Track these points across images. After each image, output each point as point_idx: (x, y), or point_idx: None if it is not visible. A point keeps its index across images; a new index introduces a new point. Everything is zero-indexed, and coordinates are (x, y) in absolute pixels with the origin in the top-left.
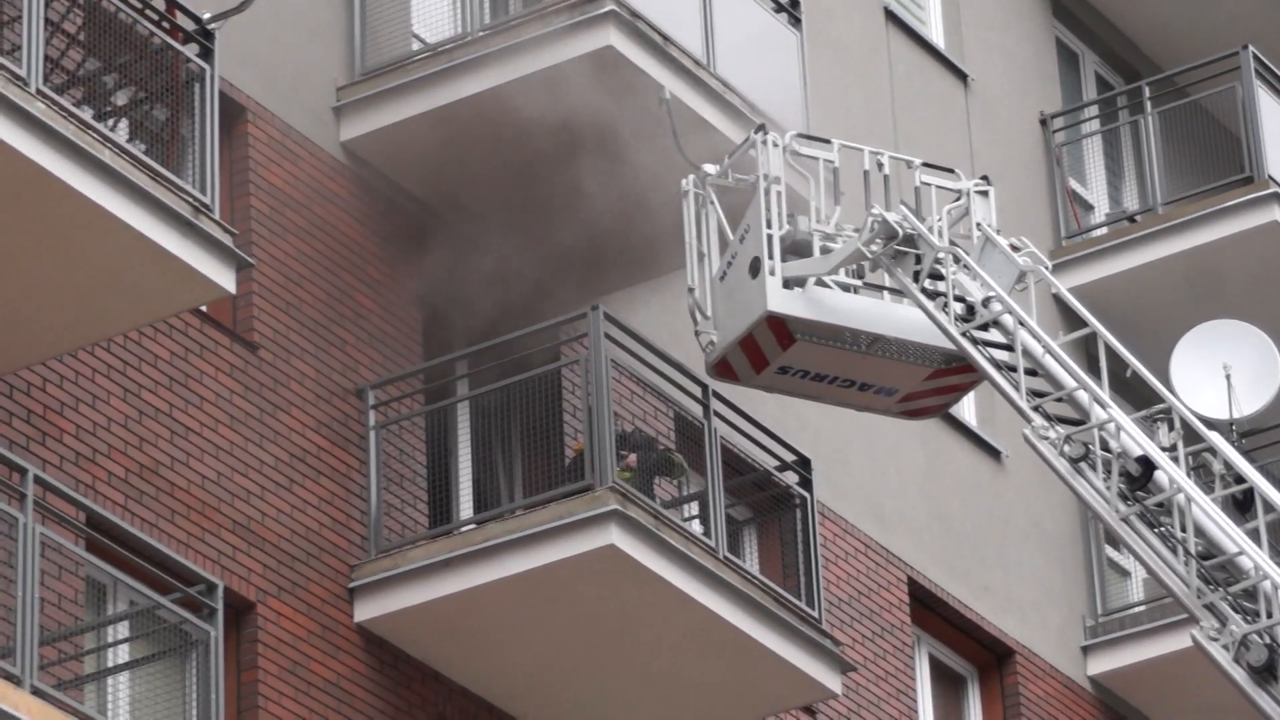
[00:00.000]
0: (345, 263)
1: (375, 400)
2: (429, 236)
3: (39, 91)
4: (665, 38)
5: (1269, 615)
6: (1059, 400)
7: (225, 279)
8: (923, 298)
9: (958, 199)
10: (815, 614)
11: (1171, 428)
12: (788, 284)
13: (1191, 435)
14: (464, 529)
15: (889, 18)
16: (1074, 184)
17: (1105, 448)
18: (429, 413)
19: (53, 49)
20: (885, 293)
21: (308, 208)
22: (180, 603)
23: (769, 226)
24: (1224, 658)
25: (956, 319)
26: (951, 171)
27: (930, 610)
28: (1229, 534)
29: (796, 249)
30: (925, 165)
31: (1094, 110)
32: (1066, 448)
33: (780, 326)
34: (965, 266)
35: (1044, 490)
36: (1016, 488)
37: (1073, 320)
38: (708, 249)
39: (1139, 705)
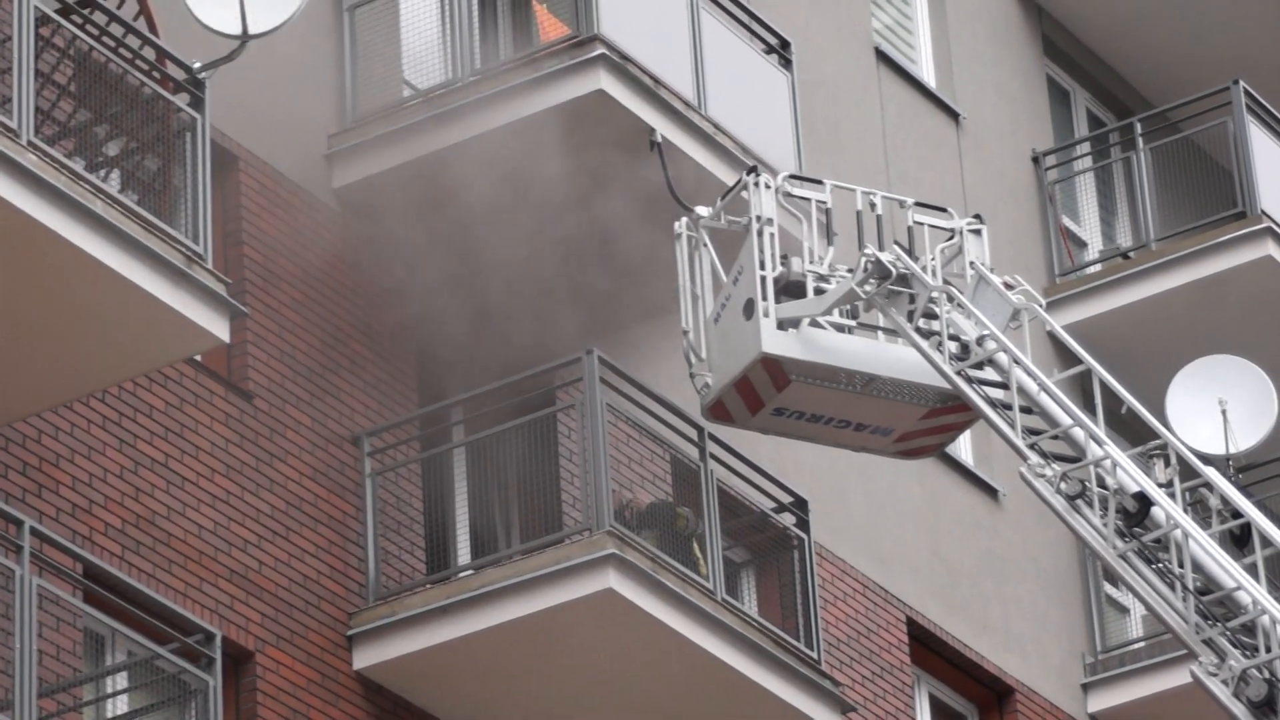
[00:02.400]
0: (339, 310)
1: (371, 447)
2: (423, 282)
3: (30, 143)
4: (656, 80)
5: (1268, 650)
6: (1055, 438)
7: (219, 328)
8: (917, 337)
9: (951, 238)
10: (814, 655)
11: (1168, 463)
12: (782, 325)
13: (1188, 471)
14: (462, 575)
15: (879, 57)
16: (1067, 221)
17: (1102, 484)
18: (425, 459)
19: (43, 100)
20: (880, 333)
21: (301, 255)
22: (179, 653)
23: (762, 268)
24: (1224, 693)
25: (951, 358)
26: (944, 210)
27: (930, 649)
28: (1227, 569)
29: (790, 290)
30: (918, 204)
31: (1086, 147)
32: (1063, 485)
33: (775, 368)
34: (959, 305)
35: (1042, 528)
36: (1014, 526)
37: (1067, 357)
38: (701, 291)
39: None
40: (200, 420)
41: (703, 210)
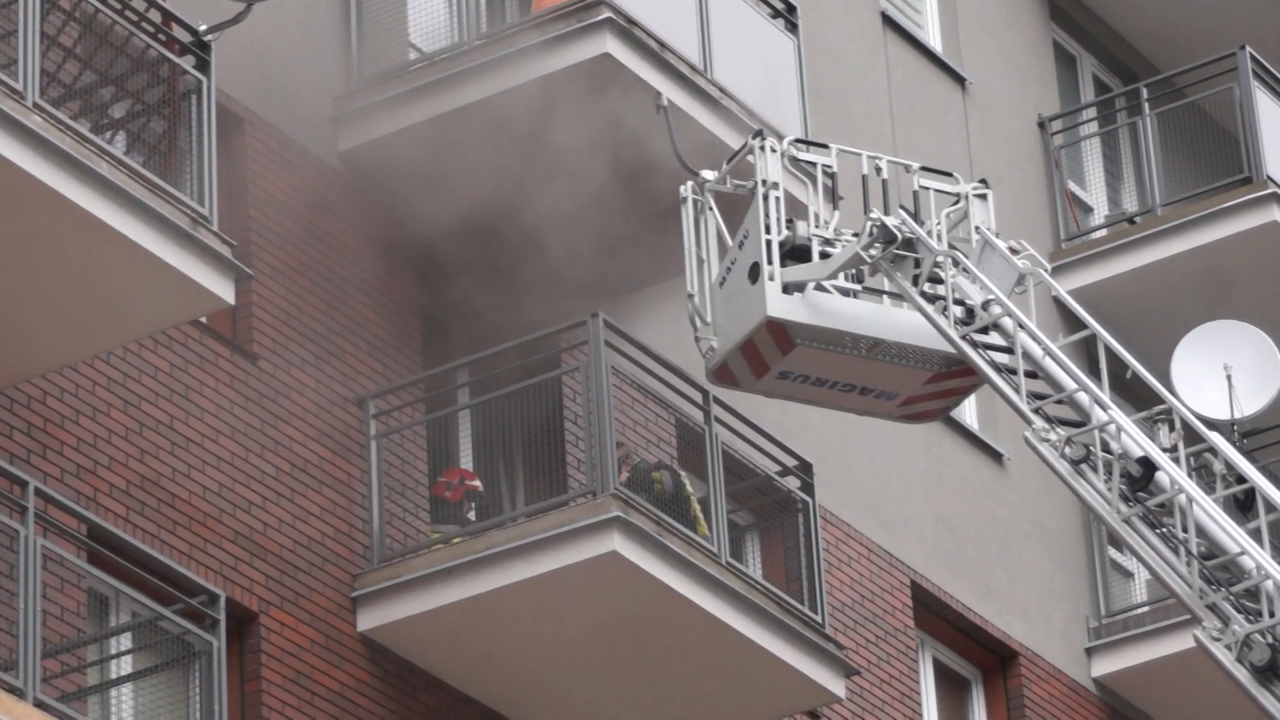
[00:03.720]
0: (344, 272)
1: (376, 409)
2: (428, 245)
3: (36, 105)
4: (662, 44)
5: (1271, 615)
6: (1059, 402)
7: (224, 290)
8: (922, 301)
9: (956, 202)
10: (819, 618)
11: (1172, 428)
12: (787, 289)
13: (1192, 436)
14: (466, 537)
15: (886, 22)
16: (1073, 186)
17: (1106, 449)
18: (430, 421)
19: (49, 62)
20: (885, 297)
21: (306, 218)
22: (183, 614)
23: (768, 232)
24: (1227, 658)
25: (956, 322)
26: (950, 175)
27: (934, 613)
28: (1231, 534)
29: (795, 254)
30: (923, 169)
31: (1092, 112)
32: (1067, 450)
33: (780, 331)
34: (964, 270)
35: (1046, 492)
36: (1019, 490)
37: (1072, 322)
38: (707, 255)
39: (1143, 706)
40: (205, 382)
41: (708, 174)
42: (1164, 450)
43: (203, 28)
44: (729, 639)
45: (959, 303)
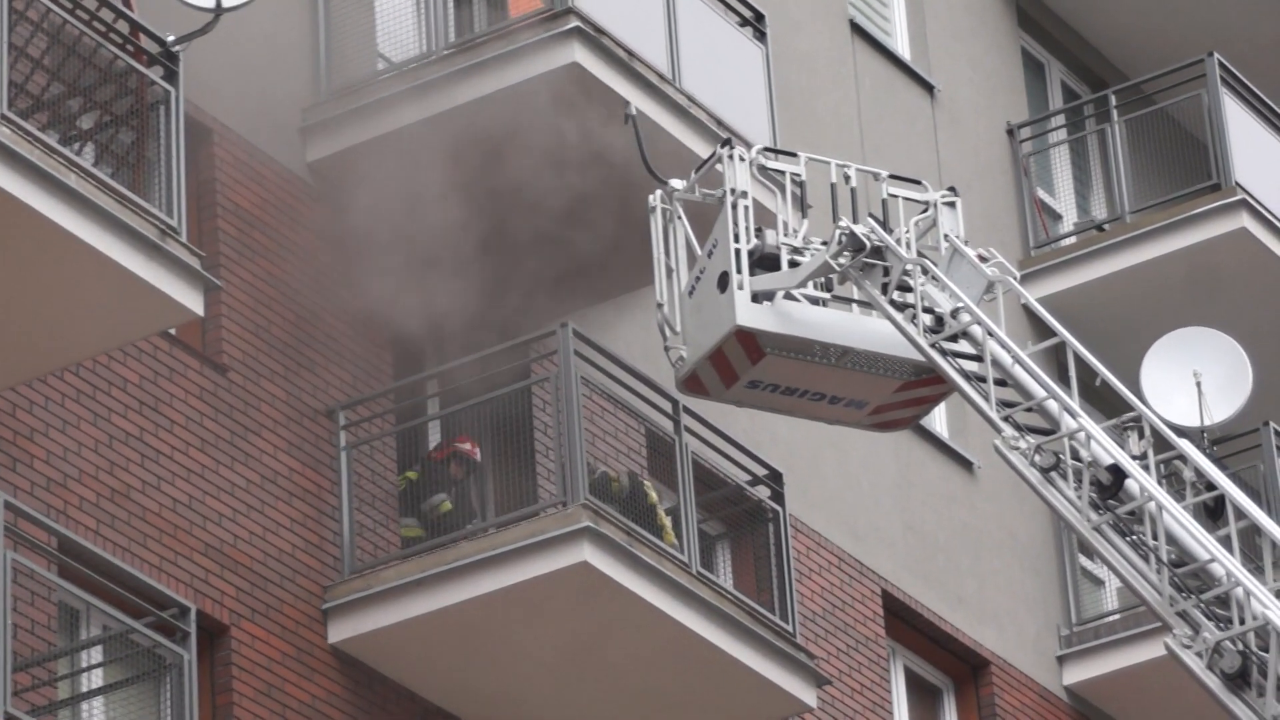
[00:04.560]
0: (314, 283)
1: (346, 421)
2: (397, 256)
3: (3, 117)
4: (630, 53)
5: (1241, 622)
6: (1029, 410)
7: (193, 301)
8: (891, 310)
9: (925, 210)
10: (789, 628)
11: (1142, 436)
12: (756, 298)
13: (1162, 443)
14: (436, 548)
15: (854, 30)
16: (1042, 193)
17: (1076, 457)
18: (400, 432)
19: (17, 74)
20: (854, 305)
21: (275, 229)
22: (153, 627)
23: (736, 241)
24: (1198, 665)
25: (925, 330)
26: (918, 183)
27: (905, 622)
28: (1201, 541)
29: (764, 263)
30: (892, 177)
31: (1061, 119)
32: (1037, 458)
33: (750, 340)
34: (933, 278)
35: (1017, 501)
36: (989, 498)
37: (1042, 330)
38: (676, 264)
39: (1115, 714)
40: (175, 394)
41: (677, 183)
42: (1134, 458)
43: (171, 38)
44: (700, 649)
45: (928, 311)
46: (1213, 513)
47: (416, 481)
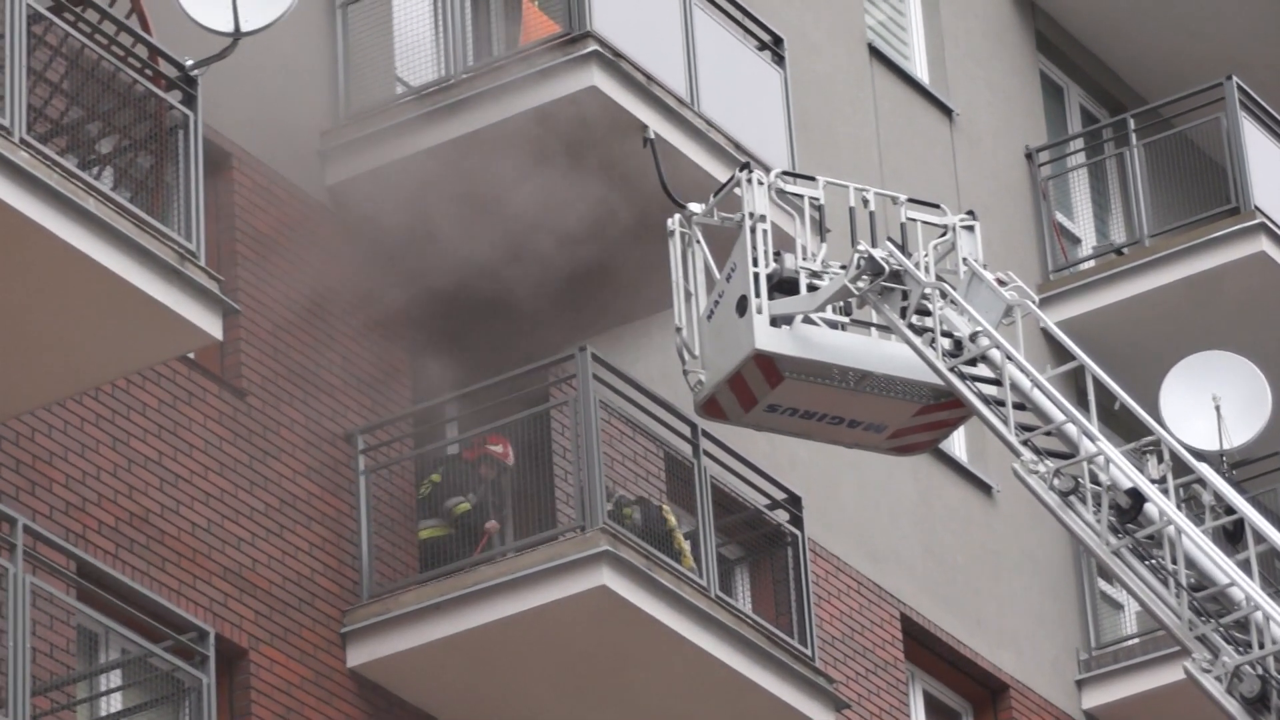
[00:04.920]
0: (332, 307)
1: (365, 445)
2: (416, 279)
3: (23, 141)
4: (649, 77)
5: (1260, 646)
6: (1048, 434)
7: (212, 325)
8: (910, 334)
9: (944, 234)
10: (808, 652)
11: (1161, 460)
12: (775, 322)
13: (1181, 467)
14: (455, 572)
15: (873, 53)
16: (1060, 217)
17: (1095, 481)
18: (418, 456)
19: (36, 98)
20: (873, 329)
21: (294, 253)
22: (172, 650)
23: (755, 265)
24: (1217, 689)
25: (944, 354)
26: (937, 207)
27: (923, 646)
28: (1220, 565)
29: (783, 287)
30: (911, 201)
31: (1079, 143)
32: (1056, 481)
33: (768, 365)
34: (952, 302)
35: (1035, 524)
36: (1008, 522)
37: (1060, 354)
38: (695, 288)
39: None
40: (193, 418)
41: (696, 207)
42: (1153, 481)
43: (189, 63)
44: (719, 673)
45: (947, 334)
46: (1232, 536)
47: (440, 485)
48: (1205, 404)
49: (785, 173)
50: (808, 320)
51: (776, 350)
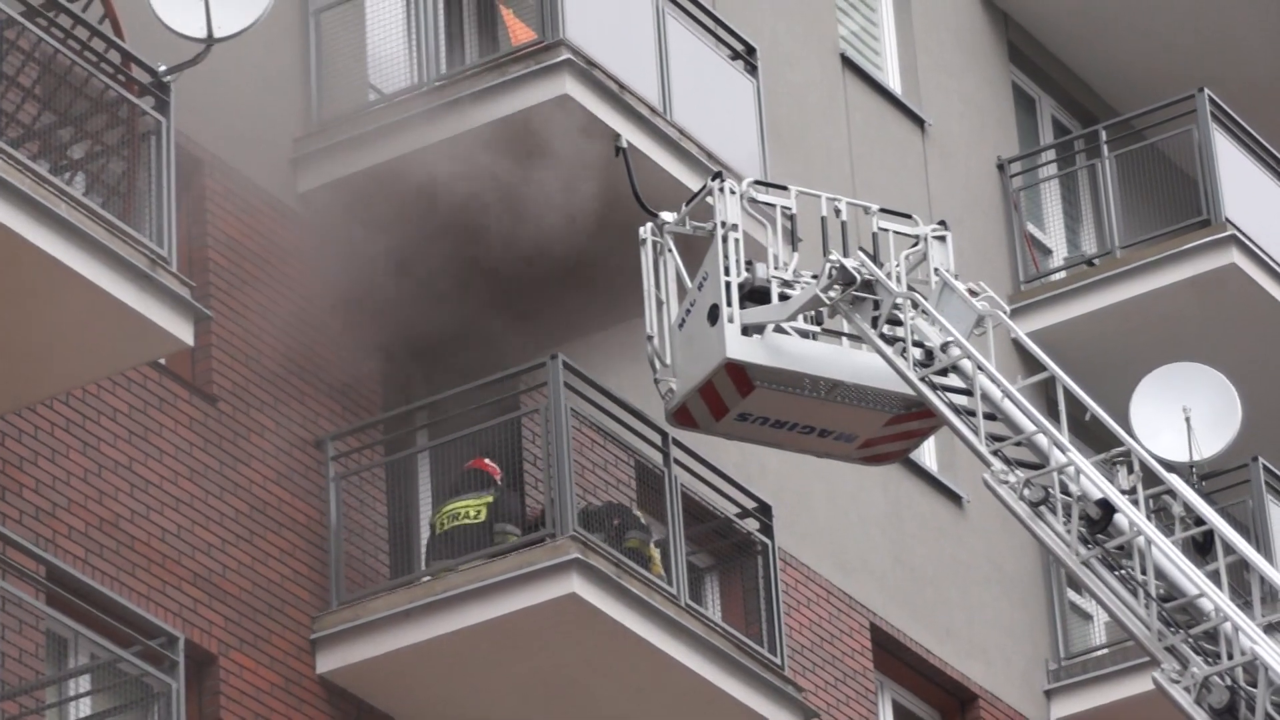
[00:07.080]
0: (303, 314)
1: (335, 451)
2: (387, 287)
3: None
4: (621, 86)
5: (1230, 657)
6: (1018, 444)
7: (183, 331)
8: (881, 343)
9: (915, 244)
10: (778, 661)
11: (1131, 470)
12: (746, 331)
13: (1151, 478)
14: (425, 579)
15: (845, 64)
16: (1032, 228)
17: (1065, 491)
18: (389, 463)
19: (8, 103)
20: (844, 338)
21: (265, 259)
22: (142, 656)
23: (727, 274)
24: (1186, 700)
25: (915, 364)
26: (909, 217)
27: (893, 656)
28: (1189, 576)
29: (755, 296)
30: (883, 211)
31: (1051, 154)
32: (1026, 492)
33: (739, 373)
34: (923, 312)
35: (1005, 534)
36: (978, 532)
37: (1031, 364)
38: (666, 297)
39: None
40: (164, 424)
41: (668, 216)
42: (1123, 492)
43: (162, 68)
44: (688, 681)
45: (918, 344)
46: (1201, 548)
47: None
48: (1175, 415)
49: (757, 182)
50: (779, 329)
51: (748, 359)
